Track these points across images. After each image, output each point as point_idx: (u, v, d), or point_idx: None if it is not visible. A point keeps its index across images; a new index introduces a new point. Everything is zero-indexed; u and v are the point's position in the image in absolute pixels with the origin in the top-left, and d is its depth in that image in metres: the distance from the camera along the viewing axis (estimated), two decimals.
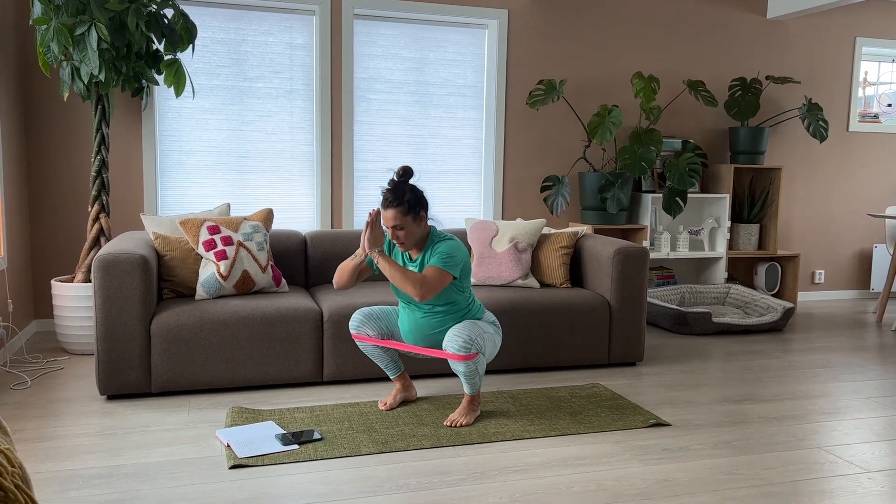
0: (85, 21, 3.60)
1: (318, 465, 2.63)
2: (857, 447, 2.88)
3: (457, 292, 3.01)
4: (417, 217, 2.93)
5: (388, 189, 2.93)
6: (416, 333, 3.07)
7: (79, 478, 2.49)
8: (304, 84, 4.86)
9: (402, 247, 2.96)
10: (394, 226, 2.91)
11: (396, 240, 2.94)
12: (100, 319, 3.20)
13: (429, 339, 3.06)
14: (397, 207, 2.88)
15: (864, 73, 6.14)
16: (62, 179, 4.49)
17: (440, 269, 2.89)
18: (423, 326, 3.04)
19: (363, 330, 3.12)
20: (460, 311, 3.04)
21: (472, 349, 2.88)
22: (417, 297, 2.83)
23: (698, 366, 4.04)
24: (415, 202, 2.91)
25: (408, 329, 3.09)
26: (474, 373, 2.96)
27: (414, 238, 2.96)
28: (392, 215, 2.89)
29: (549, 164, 5.37)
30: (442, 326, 3.02)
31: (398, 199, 2.89)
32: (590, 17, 5.34)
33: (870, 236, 6.31)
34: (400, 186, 2.93)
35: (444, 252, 2.92)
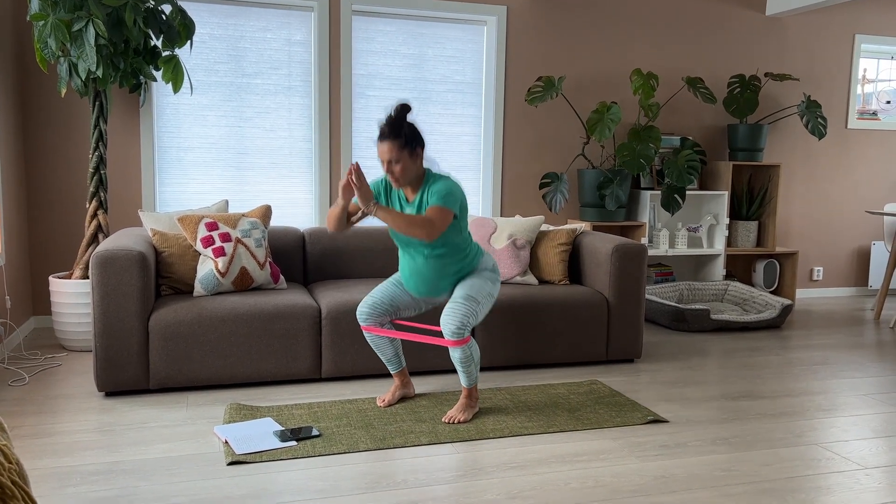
0: (82, 17, 3.59)
1: (316, 461, 2.63)
2: (855, 444, 2.89)
3: (456, 233, 2.95)
4: (414, 153, 2.85)
5: (385, 122, 2.84)
6: (418, 278, 3.02)
7: (76, 474, 2.49)
8: (303, 80, 4.85)
9: (396, 184, 2.88)
10: (389, 160, 2.82)
11: (391, 175, 2.85)
12: (98, 316, 3.20)
13: (430, 284, 3.02)
14: (394, 140, 2.80)
15: (863, 71, 6.13)
16: (60, 176, 4.49)
17: (441, 207, 2.82)
18: (424, 270, 2.99)
19: (371, 321, 3.11)
20: (460, 253, 2.99)
21: (464, 333, 2.91)
22: (426, 237, 2.77)
23: (696, 363, 4.04)
24: (412, 137, 2.84)
25: (409, 274, 3.04)
26: (469, 359, 2.97)
27: (409, 175, 2.87)
28: (388, 148, 2.81)
29: (548, 160, 5.37)
30: (444, 270, 2.98)
31: (395, 132, 2.81)
32: (589, 14, 5.33)
33: (868, 233, 6.31)
34: (398, 120, 2.83)
35: (441, 190, 2.85)
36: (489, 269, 3.08)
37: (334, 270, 4.14)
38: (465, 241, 3.02)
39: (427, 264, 2.98)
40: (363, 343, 3.54)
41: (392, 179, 2.88)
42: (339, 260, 4.14)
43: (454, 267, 3.01)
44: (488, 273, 3.07)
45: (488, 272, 3.07)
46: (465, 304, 2.93)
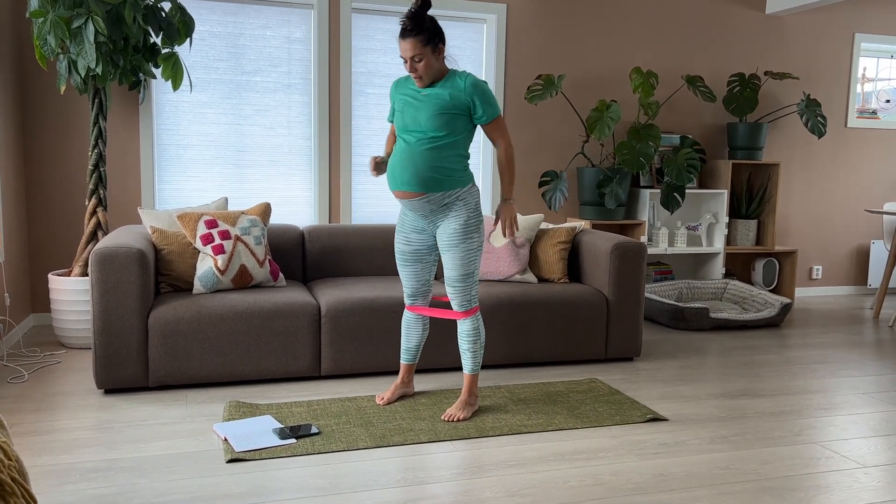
0: (82, 14, 3.59)
1: (316, 459, 2.63)
2: (854, 442, 2.89)
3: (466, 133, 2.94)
4: (436, 49, 2.82)
5: (406, 17, 2.78)
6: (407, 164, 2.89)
7: (76, 471, 2.49)
8: (302, 78, 4.85)
9: (419, 81, 2.86)
10: (412, 56, 2.79)
11: (414, 72, 2.83)
12: (97, 313, 3.20)
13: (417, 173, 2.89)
14: (416, 37, 2.76)
15: (863, 69, 6.13)
16: (59, 173, 4.48)
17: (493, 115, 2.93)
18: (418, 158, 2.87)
19: (418, 302, 3.17)
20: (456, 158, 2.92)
21: (472, 304, 3.03)
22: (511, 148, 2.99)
23: (696, 361, 4.04)
24: (434, 32, 2.80)
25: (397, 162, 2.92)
26: (476, 333, 3.03)
27: (432, 71, 2.85)
28: (411, 45, 2.77)
29: (548, 159, 5.37)
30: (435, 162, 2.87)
31: (418, 27, 2.76)
32: (588, 12, 5.33)
33: (867, 232, 6.32)
34: (419, 14, 2.78)
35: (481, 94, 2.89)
36: (472, 207, 2.97)
37: (334, 268, 4.14)
38: (465, 152, 2.96)
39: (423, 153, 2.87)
40: (363, 341, 3.54)
41: (415, 77, 2.86)
42: (339, 258, 4.14)
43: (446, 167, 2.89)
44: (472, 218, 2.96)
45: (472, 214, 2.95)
46: (461, 285, 2.99)
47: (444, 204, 2.95)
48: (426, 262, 3.14)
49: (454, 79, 2.90)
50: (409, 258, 3.12)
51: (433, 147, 2.88)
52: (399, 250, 3.14)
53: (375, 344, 3.56)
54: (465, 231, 2.96)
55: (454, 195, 2.95)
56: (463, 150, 2.96)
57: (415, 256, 3.11)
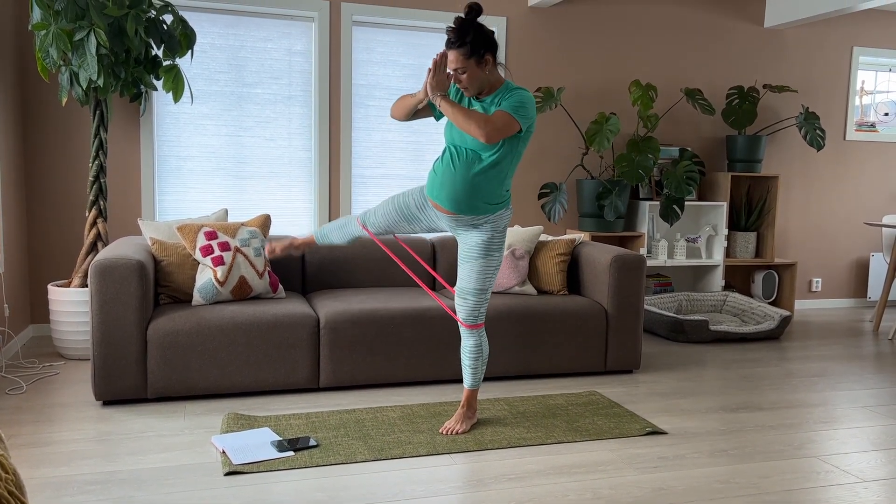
0: (84, 27, 3.61)
1: (314, 472, 2.62)
2: (854, 456, 2.88)
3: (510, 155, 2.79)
4: (482, 60, 2.71)
5: (451, 28, 2.70)
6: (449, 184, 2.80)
7: (74, 484, 2.48)
8: (303, 90, 4.87)
9: (466, 92, 2.78)
10: (456, 69, 2.70)
11: (460, 84, 2.75)
12: (96, 324, 3.19)
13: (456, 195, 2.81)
14: (459, 49, 2.67)
15: (861, 83, 6.16)
16: (60, 184, 4.49)
17: (509, 114, 2.68)
18: (459, 181, 2.78)
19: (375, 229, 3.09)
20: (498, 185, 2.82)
21: (479, 319, 2.97)
22: (483, 136, 2.62)
23: (695, 374, 4.04)
24: (479, 43, 2.68)
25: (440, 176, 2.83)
26: (479, 349, 3.00)
27: (479, 83, 2.75)
28: (454, 57, 2.69)
29: (547, 171, 5.38)
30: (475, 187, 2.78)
31: (460, 39, 2.67)
32: (587, 26, 5.36)
33: (867, 245, 6.32)
34: (465, 25, 2.68)
35: (516, 99, 2.71)
36: (500, 230, 2.92)
37: (333, 280, 4.14)
38: (508, 178, 2.86)
39: (466, 177, 2.79)
40: (362, 353, 3.53)
41: (462, 88, 2.78)
42: (338, 269, 4.14)
43: (485, 192, 2.81)
44: (498, 239, 2.92)
45: (498, 234, 2.91)
46: (474, 298, 2.95)
47: (473, 224, 2.91)
48: (414, 225, 3.03)
49: (506, 93, 2.78)
50: (404, 214, 2.99)
51: (476, 172, 2.78)
52: (403, 202, 3.00)
53: (375, 356, 3.55)
54: (487, 248, 2.90)
55: (484, 219, 2.89)
56: (506, 172, 2.83)
57: (411, 218, 3.00)
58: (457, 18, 2.72)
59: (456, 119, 2.67)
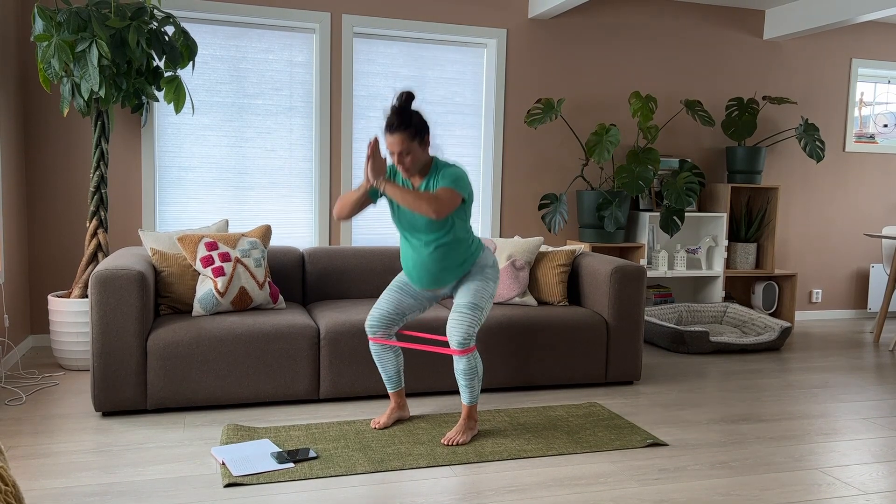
0: (86, 38, 3.63)
1: (314, 483, 2.61)
2: (855, 468, 2.87)
3: (461, 220, 2.95)
4: (423, 141, 2.85)
5: (392, 113, 2.82)
6: (421, 269, 3.00)
7: (73, 495, 2.47)
8: (304, 101, 4.88)
9: (406, 173, 2.88)
10: (400, 151, 2.81)
11: (402, 166, 2.85)
12: (96, 335, 3.19)
13: (433, 276, 3.00)
14: (404, 132, 2.79)
15: (861, 94, 6.18)
16: (61, 195, 4.50)
17: (450, 188, 2.81)
18: (428, 261, 2.97)
19: (380, 332, 3.12)
20: (463, 244, 2.98)
21: (469, 343, 2.93)
22: (433, 213, 2.74)
23: (696, 385, 4.03)
24: (420, 126, 2.83)
25: (412, 266, 3.02)
26: (473, 371, 2.98)
27: (419, 164, 2.88)
28: (398, 140, 2.80)
29: (547, 182, 5.39)
30: (446, 261, 2.96)
31: (405, 123, 2.79)
32: (588, 37, 5.38)
33: (867, 256, 6.32)
34: (405, 110, 2.82)
35: (452, 175, 2.86)
36: (489, 265, 3.07)
37: (333, 291, 4.14)
38: (468, 233, 3.02)
39: (431, 255, 2.96)
40: (362, 364, 3.53)
41: (402, 170, 2.87)
42: (338, 280, 4.14)
43: (457, 258, 2.98)
44: (489, 270, 3.05)
45: (489, 269, 3.06)
46: (469, 313, 2.95)
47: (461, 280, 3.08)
48: (418, 301, 3.15)
49: (438, 171, 2.92)
50: (404, 290, 3.14)
51: (438, 247, 2.95)
52: (400, 280, 3.17)
53: (375, 367, 3.55)
54: (484, 275, 3.04)
55: (471, 269, 3.06)
56: (464, 231, 2.99)
57: (411, 293, 3.14)
58: (394, 106, 2.84)
59: (405, 201, 2.78)
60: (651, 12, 5.50)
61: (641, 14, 5.48)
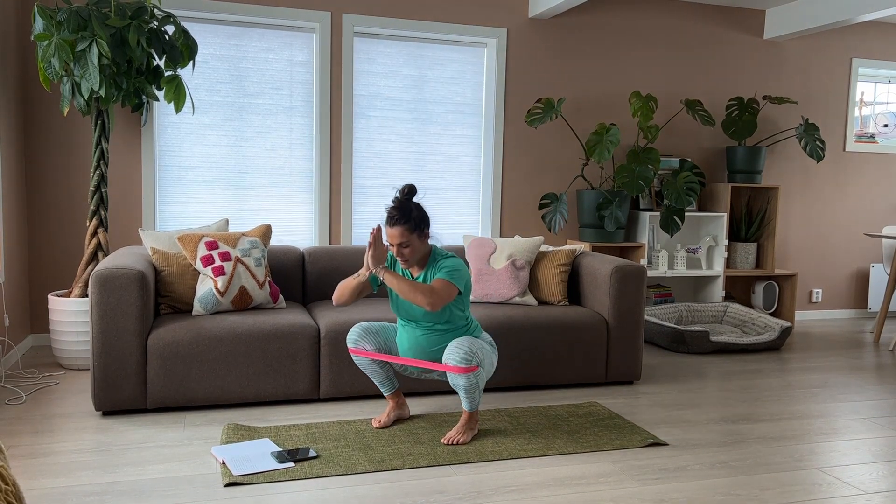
0: (86, 37, 3.62)
1: (314, 483, 2.61)
2: (855, 468, 2.87)
3: (458, 310, 3.02)
4: (422, 234, 2.97)
5: (393, 207, 2.95)
6: (416, 350, 3.08)
7: (73, 494, 2.47)
8: (304, 101, 4.88)
9: (405, 264, 2.98)
10: (399, 243, 2.92)
11: (401, 257, 2.96)
12: (96, 334, 3.19)
13: (428, 356, 3.08)
14: (404, 225, 2.91)
15: (861, 94, 6.18)
16: (61, 194, 4.50)
17: (447, 280, 2.91)
18: (424, 343, 3.05)
19: (361, 344, 3.10)
20: (459, 331, 3.06)
21: (472, 361, 2.89)
22: (428, 306, 2.82)
23: (696, 385, 4.03)
24: (420, 220, 2.95)
25: (407, 347, 3.10)
26: (474, 387, 2.96)
27: (418, 255, 2.99)
28: (398, 233, 2.91)
29: (547, 181, 5.39)
30: (441, 344, 3.04)
31: (405, 216, 2.91)
32: (588, 37, 5.38)
33: (867, 256, 6.32)
34: (406, 204, 2.95)
35: (449, 266, 2.95)
36: (488, 342, 3.13)
37: (333, 290, 4.14)
38: (466, 319, 3.08)
39: (428, 339, 3.05)
40: None
41: (402, 261, 2.97)
42: (339, 279, 4.14)
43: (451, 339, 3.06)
44: (487, 344, 3.10)
45: (487, 344, 3.11)
46: (469, 339, 2.96)
47: None
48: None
49: (437, 262, 3.01)
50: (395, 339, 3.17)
51: (434, 332, 3.03)
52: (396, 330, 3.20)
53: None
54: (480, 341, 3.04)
55: None
56: (462, 320, 3.06)
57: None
58: (396, 199, 2.97)
59: (402, 291, 2.86)
60: (651, 12, 5.50)
61: (642, 13, 5.48)
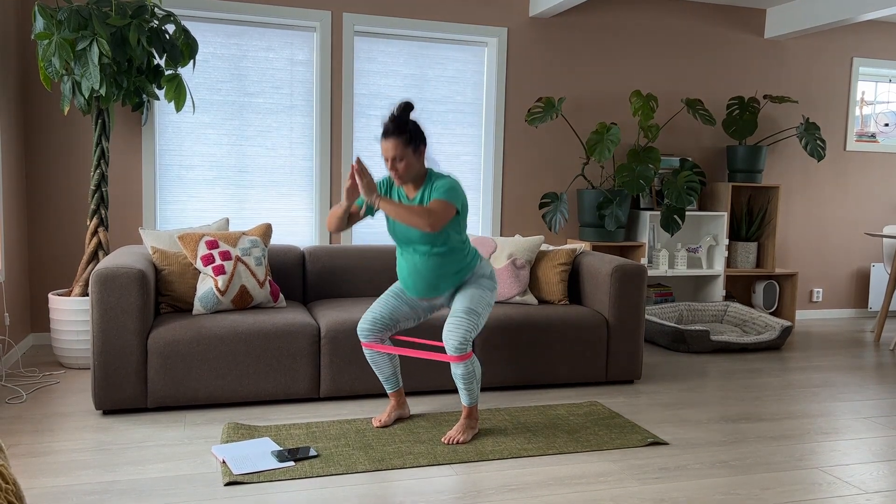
0: (87, 36, 3.62)
1: (314, 482, 2.61)
2: (856, 468, 2.87)
3: (455, 231, 2.97)
4: (417, 150, 2.89)
5: (388, 120, 2.87)
6: (417, 277, 3.01)
7: (73, 493, 2.47)
8: (305, 100, 4.88)
9: (399, 181, 2.91)
10: (394, 157, 2.85)
11: (395, 172, 2.88)
12: (96, 333, 3.19)
13: (429, 283, 3.01)
14: (399, 137, 2.83)
15: (862, 93, 6.17)
16: (61, 193, 4.50)
17: (444, 200, 2.84)
18: (423, 269, 2.98)
19: (372, 338, 3.11)
20: (458, 254, 3.00)
21: (466, 349, 2.91)
22: (428, 227, 2.76)
23: (696, 384, 4.03)
24: (416, 134, 2.88)
25: (407, 275, 3.04)
26: (471, 375, 2.97)
27: (412, 172, 2.90)
28: (393, 145, 2.84)
29: (548, 180, 5.39)
30: (442, 269, 2.98)
31: (400, 128, 2.84)
32: (588, 36, 5.38)
33: (867, 255, 6.32)
34: (401, 118, 2.87)
35: (445, 185, 2.89)
36: (486, 276, 3.08)
37: (334, 289, 4.14)
38: (464, 243, 3.03)
39: (426, 263, 2.98)
40: (362, 363, 3.53)
41: (395, 176, 2.90)
42: (339, 279, 4.14)
43: (453, 267, 3.00)
44: (486, 281, 3.06)
45: (486, 279, 3.07)
46: (466, 318, 2.94)
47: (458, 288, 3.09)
48: (414, 309, 3.15)
49: (432, 182, 2.96)
50: (400, 298, 3.14)
51: (433, 256, 2.97)
52: (396, 287, 3.17)
53: None
54: (482, 283, 3.04)
55: (468, 278, 3.06)
56: (459, 242, 3.01)
57: (407, 301, 3.13)
58: (392, 114, 2.89)
59: (399, 216, 2.80)
60: (652, 11, 5.50)
61: (642, 12, 5.48)
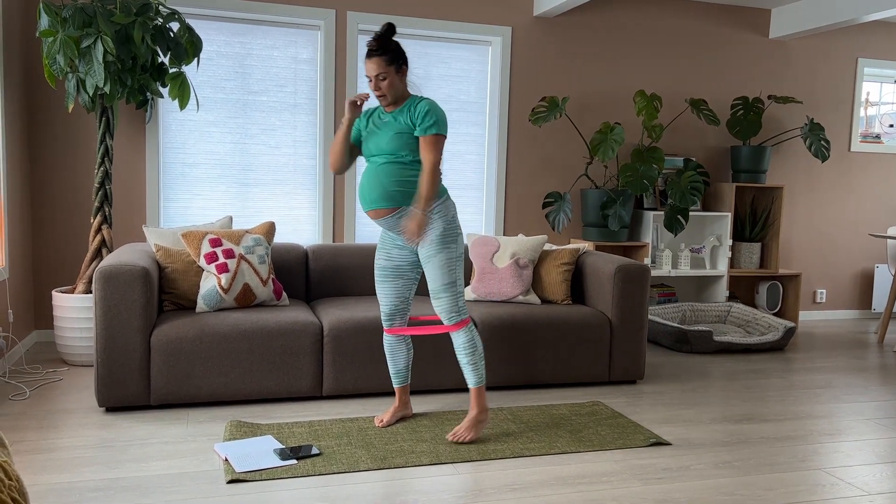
0: (91, 34, 3.63)
1: (316, 480, 2.61)
2: (859, 469, 2.87)
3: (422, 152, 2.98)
4: (400, 69, 2.95)
5: (372, 40, 2.94)
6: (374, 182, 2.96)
7: (76, 490, 2.47)
8: (308, 98, 4.88)
9: (382, 100, 2.96)
10: (377, 75, 2.92)
11: (378, 91, 2.95)
12: (100, 331, 3.20)
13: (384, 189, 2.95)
14: (382, 56, 2.90)
15: (866, 94, 6.16)
16: (65, 190, 4.51)
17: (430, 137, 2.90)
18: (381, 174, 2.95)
19: (395, 324, 3.17)
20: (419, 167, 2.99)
21: (460, 316, 2.99)
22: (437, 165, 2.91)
23: (699, 384, 4.02)
24: (398, 54, 2.94)
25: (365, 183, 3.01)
26: (473, 346, 3.00)
27: (396, 92, 2.96)
28: (377, 64, 2.91)
29: (551, 180, 5.38)
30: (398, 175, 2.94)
31: (383, 47, 2.91)
32: (592, 36, 5.37)
33: (871, 256, 6.31)
34: (385, 37, 2.94)
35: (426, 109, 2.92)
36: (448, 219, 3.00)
37: (337, 287, 4.14)
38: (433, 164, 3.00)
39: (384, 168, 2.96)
40: (365, 361, 3.53)
41: (378, 95, 2.96)
42: (342, 277, 4.14)
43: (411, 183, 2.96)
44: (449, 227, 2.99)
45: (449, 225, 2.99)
46: (446, 294, 2.97)
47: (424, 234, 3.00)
48: (407, 278, 3.15)
49: (414, 103, 2.99)
50: (389, 273, 3.13)
51: (396, 162, 2.97)
52: (379, 266, 3.16)
53: (378, 364, 3.55)
54: (443, 241, 2.98)
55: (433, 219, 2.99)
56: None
57: (396, 272, 3.13)
58: (376, 33, 2.95)
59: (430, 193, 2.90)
60: (656, 11, 5.49)
61: (646, 12, 5.47)
